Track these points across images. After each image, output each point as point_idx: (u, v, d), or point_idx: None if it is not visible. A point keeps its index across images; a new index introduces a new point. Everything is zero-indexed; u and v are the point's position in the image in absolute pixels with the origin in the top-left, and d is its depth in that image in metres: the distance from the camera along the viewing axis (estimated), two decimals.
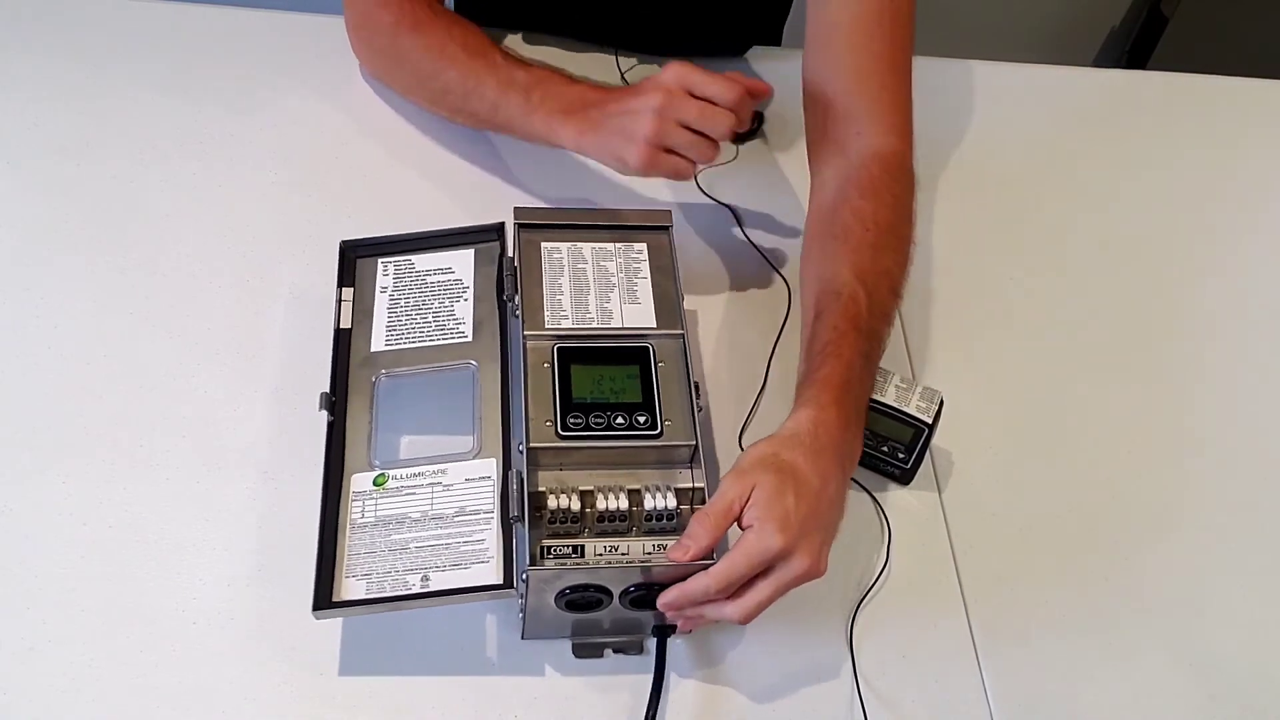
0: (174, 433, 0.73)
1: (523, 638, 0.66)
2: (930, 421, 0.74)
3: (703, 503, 0.65)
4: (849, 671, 0.68)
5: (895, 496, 0.77)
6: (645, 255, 0.75)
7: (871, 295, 0.73)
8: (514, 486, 0.64)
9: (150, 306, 0.79)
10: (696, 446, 0.66)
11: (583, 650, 0.67)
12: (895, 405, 0.74)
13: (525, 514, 0.62)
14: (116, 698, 0.62)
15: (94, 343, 0.76)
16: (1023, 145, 1.02)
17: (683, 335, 0.71)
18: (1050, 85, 1.09)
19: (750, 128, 0.92)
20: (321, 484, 0.66)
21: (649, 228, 0.76)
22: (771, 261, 0.87)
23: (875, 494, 0.77)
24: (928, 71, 1.06)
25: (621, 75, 0.99)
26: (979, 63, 1.08)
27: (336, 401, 0.70)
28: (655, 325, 0.71)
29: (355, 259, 0.77)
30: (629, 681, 0.66)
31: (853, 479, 0.76)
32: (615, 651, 0.67)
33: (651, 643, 0.66)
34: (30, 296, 0.78)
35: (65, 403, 0.73)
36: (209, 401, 0.74)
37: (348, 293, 0.75)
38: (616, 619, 0.65)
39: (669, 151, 0.73)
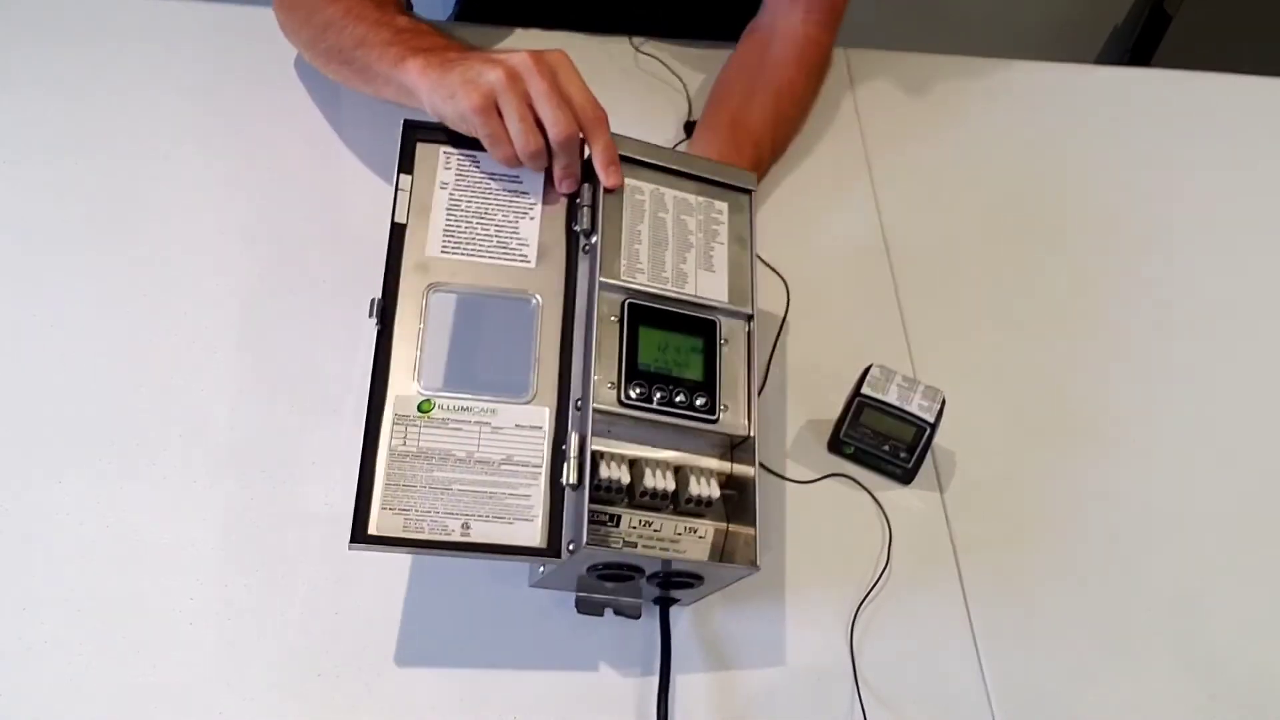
0: (173, 432, 0.72)
1: (530, 585, 0.67)
2: (932, 421, 0.73)
3: (745, 489, 0.64)
4: (849, 671, 0.68)
5: (896, 496, 0.77)
6: (725, 218, 0.70)
7: (758, 144, 0.89)
8: (573, 450, 0.61)
9: (150, 305, 0.78)
10: (749, 438, 0.65)
11: (586, 606, 0.67)
12: (897, 404, 0.74)
13: (586, 483, 0.60)
14: (115, 697, 0.62)
15: (93, 342, 0.76)
16: (1025, 142, 1.02)
17: (751, 316, 0.68)
18: (1053, 83, 1.08)
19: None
20: (368, 400, 0.62)
21: (732, 187, 0.71)
22: (767, 262, 0.87)
23: (876, 494, 0.76)
24: (931, 69, 1.06)
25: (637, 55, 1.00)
26: (982, 60, 1.07)
27: (387, 309, 0.64)
28: (727, 300, 0.68)
29: (417, 142, 0.69)
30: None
31: (853, 479, 0.77)
32: (616, 613, 0.67)
33: (650, 610, 0.67)
34: (30, 295, 0.78)
35: (64, 402, 0.73)
36: (208, 401, 0.74)
37: (405, 180, 0.68)
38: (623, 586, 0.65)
39: (499, 116, 0.67)
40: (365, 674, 0.65)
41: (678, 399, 0.64)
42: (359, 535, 0.59)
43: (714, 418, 0.64)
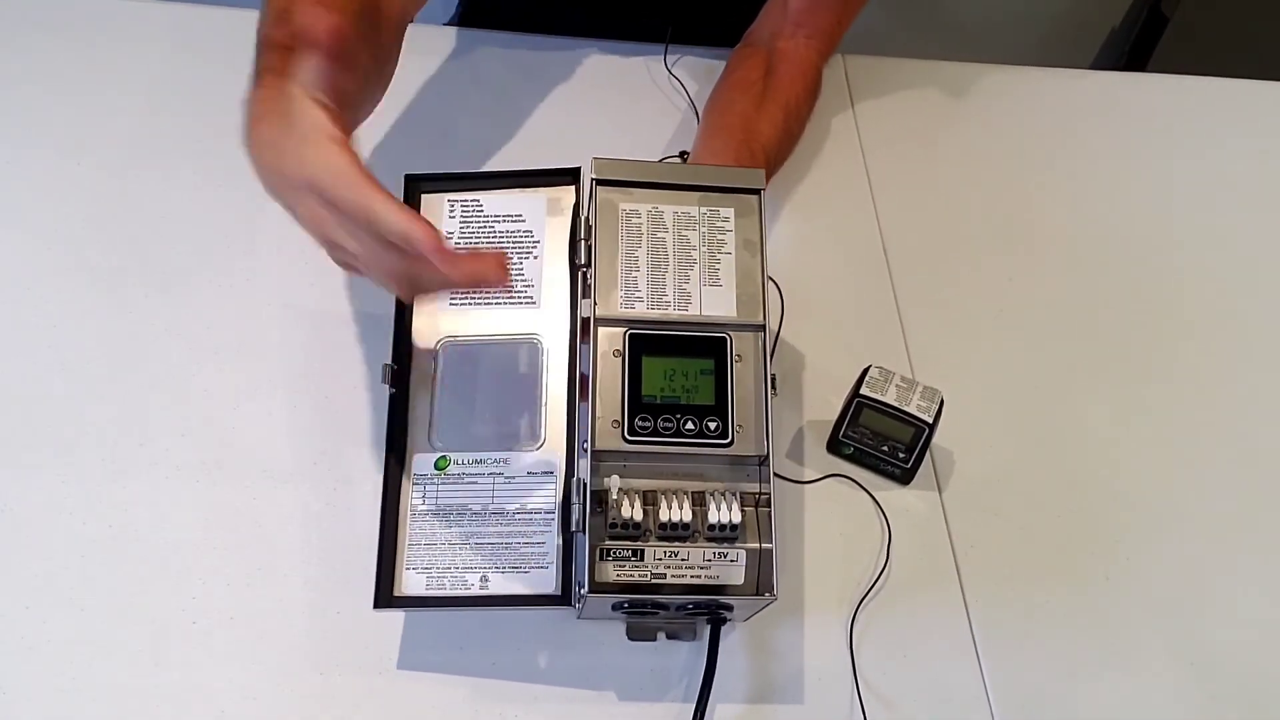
0: (174, 431, 0.73)
1: (578, 618, 0.66)
2: (931, 421, 0.74)
3: (767, 505, 0.63)
4: (849, 671, 0.68)
5: (895, 496, 0.77)
6: (731, 224, 0.67)
7: (769, 152, 0.87)
8: (576, 498, 0.60)
9: (150, 305, 0.79)
10: (767, 456, 0.63)
11: (637, 633, 0.66)
12: (896, 404, 0.74)
13: (586, 528, 0.60)
14: (116, 697, 0.62)
15: (94, 341, 0.76)
16: (1022, 146, 1.02)
17: (764, 327, 0.65)
18: (1049, 87, 1.09)
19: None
20: (384, 463, 0.62)
21: (739, 190, 0.68)
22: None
23: (875, 494, 0.77)
24: (928, 74, 1.07)
25: (669, 70, 1.00)
26: (978, 65, 1.08)
27: (398, 370, 0.64)
28: (735, 314, 0.65)
29: (420, 195, 0.68)
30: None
31: (852, 479, 0.77)
32: (669, 637, 0.67)
33: (704, 629, 0.66)
34: (30, 296, 0.78)
35: (65, 401, 0.73)
36: (209, 400, 0.74)
37: None
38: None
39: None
40: (369, 675, 0.65)
41: (687, 426, 0.62)
42: (384, 599, 0.60)
43: (727, 441, 0.62)
